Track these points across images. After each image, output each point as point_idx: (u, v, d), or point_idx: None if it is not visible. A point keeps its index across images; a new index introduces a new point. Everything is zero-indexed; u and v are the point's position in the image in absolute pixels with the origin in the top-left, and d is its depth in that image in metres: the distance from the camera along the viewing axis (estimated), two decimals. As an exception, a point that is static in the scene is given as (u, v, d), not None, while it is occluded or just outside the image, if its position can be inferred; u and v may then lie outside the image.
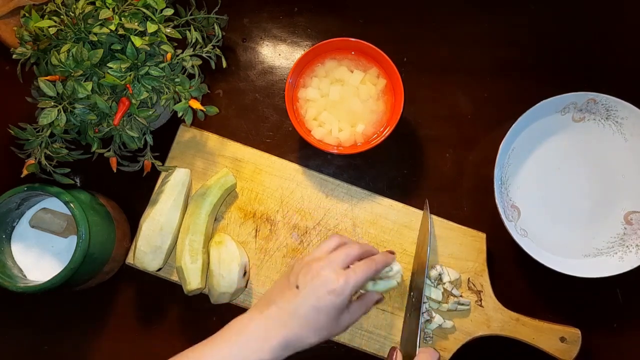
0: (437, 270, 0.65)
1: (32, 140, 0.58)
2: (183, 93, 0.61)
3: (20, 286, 0.59)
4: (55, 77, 0.57)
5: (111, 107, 0.58)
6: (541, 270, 0.64)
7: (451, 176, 0.72)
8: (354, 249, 0.58)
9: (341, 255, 0.57)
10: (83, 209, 0.60)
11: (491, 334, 0.66)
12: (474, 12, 0.77)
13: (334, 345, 0.67)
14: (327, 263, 0.56)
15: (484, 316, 0.66)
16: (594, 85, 0.67)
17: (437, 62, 0.75)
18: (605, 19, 0.76)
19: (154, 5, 0.59)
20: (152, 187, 0.68)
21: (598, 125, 0.70)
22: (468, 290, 0.67)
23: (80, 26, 0.57)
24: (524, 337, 0.65)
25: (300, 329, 0.54)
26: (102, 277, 0.66)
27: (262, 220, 0.68)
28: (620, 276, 0.64)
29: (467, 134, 0.73)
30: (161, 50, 0.60)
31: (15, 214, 0.64)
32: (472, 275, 0.67)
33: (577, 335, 0.65)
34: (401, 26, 0.76)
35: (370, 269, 0.57)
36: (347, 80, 0.68)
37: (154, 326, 0.69)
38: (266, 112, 0.74)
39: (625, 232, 0.68)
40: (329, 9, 0.77)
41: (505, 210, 0.66)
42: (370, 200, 0.69)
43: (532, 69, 0.75)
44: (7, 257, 0.62)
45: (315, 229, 0.68)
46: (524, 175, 0.71)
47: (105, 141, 0.62)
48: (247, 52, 0.76)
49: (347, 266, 0.57)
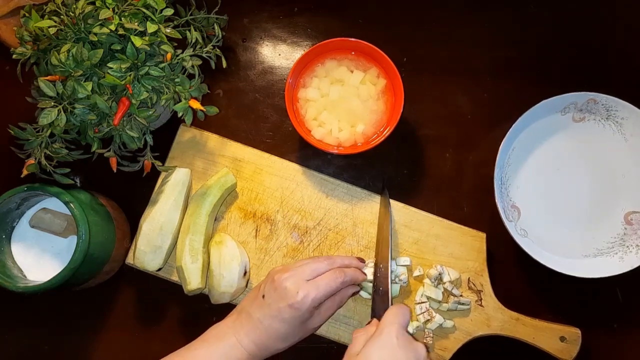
0: (437, 269, 0.65)
1: (32, 140, 0.58)
2: (183, 93, 0.61)
3: (20, 286, 0.59)
4: (55, 77, 0.56)
5: (111, 107, 0.58)
6: (541, 270, 0.64)
7: (451, 176, 0.72)
8: (321, 264, 0.59)
9: (307, 269, 0.58)
10: (83, 209, 0.60)
11: (491, 333, 0.66)
12: (474, 12, 0.77)
13: (334, 346, 0.67)
14: (291, 275, 0.57)
15: (484, 316, 0.66)
16: (594, 85, 0.67)
17: (437, 62, 0.75)
18: (605, 19, 0.76)
19: (154, 5, 0.59)
20: (152, 187, 0.68)
21: (598, 125, 0.70)
22: (468, 290, 0.67)
23: (80, 26, 0.57)
24: (524, 336, 0.65)
25: (267, 338, 0.56)
26: (102, 277, 0.66)
27: (263, 220, 0.68)
28: (620, 276, 0.64)
29: (467, 134, 0.73)
30: (161, 50, 0.60)
31: (15, 214, 0.64)
32: (472, 275, 0.67)
33: (577, 334, 0.65)
34: (401, 26, 0.76)
35: (334, 282, 0.57)
36: (347, 80, 0.68)
37: (153, 326, 0.69)
38: (266, 112, 0.74)
39: (626, 232, 0.68)
40: (329, 9, 0.77)
41: (505, 210, 0.66)
42: (370, 200, 0.69)
43: (532, 69, 0.75)
44: (7, 257, 0.62)
45: (315, 229, 0.68)
46: (524, 175, 0.70)
47: (105, 141, 0.62)
48: (247, 52, 0.76)
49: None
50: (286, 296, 0.55)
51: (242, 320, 0.57)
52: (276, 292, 0.56)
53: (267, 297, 0.56)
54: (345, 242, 0.68)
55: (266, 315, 0.56)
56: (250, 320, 0.56)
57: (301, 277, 0.56)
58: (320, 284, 0.56)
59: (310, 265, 0.58)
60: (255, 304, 0.57)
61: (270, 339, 0.56)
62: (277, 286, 0.56)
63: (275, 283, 0.56)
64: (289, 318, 0.55)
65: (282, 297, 0.55)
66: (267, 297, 0.56)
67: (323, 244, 0.68)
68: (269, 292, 0.57)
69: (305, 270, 0.57)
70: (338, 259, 0.61)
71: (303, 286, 0.56)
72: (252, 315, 0.57)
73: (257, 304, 0.57)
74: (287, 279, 0.56)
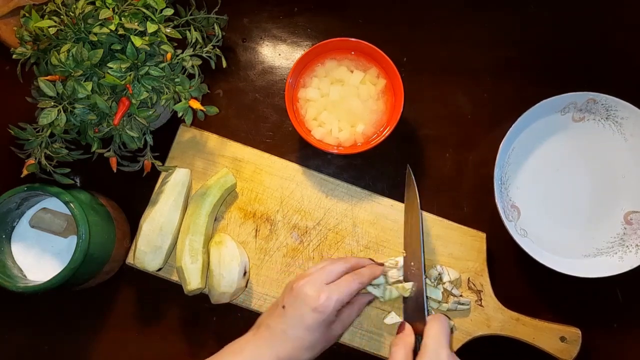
0: (437, 270, 0.65)
1: (32, 140, 0.58)
2: (183, 93, 0.61)
3: (20, 286, 0.59)
4: (55, 77, 0.56)
5: (111, 107, 0.58)
6: (541, 270, 0.64)
7: (451, 176, 0.72)
8: (337, 266, 0.58)
9: (324, 272, 0.57)
10: (83, 209, 0.60)
11: (491, 333, 0.66)
12: (474, 12, 0.77)
13: (334, 346, 0.67)
14: (309, 281, 0.56)
15: (484, 316, 0.66)
16: (594, 85, 0.67)
17: (437, 62, 0.75)
18: (606, 19, 0.76)
19: (154, 5, 0.59)
20: (152, 187, 0.68)
21: (598, 125, 0.70)
22: (468, 290, 0.67)
23: (80, 26, 0.57)
24: (524, 336, 0.65)
25: (292, 349, 0.54)
26: (102, 277, 0.66)
27: (262, 220, 0.68)
28: (620, 276, 0.64)
29: (467, 134, 0.73)
30: (161, 50, 0.60)
31: (15, 214, 0.64)
32: (472, 275, 0.67)
33: (577, 334, 0.65)
34: (401, 26, 0.76)
35: (354, 282, 0.57)
36: (347, 80, 0.68)
37: (153, 326, 0.69)
38: (266, 112, 0.74)
39: (625, 232, 0.68)
40: (329, 9, 0.77)
41: (505, 210, 0.66)
42: (371, 200, 0.69)
43: (532, 69, 0.75)
44: (7, 257, 0.62)
45: (315, 229, 0.68)
46: (524, 175, 0.71)
47: (105, 141, 0.62)
48: (247, 52, 0.76)
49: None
50: (309, 301, 0.54)
51: (262, 334, 0.55)
52: (297, 299, 0.55)
53: (288, 306, 0.55)
54: (345, 242, 0.68)
55: (289, 325, 0.54)
56: (272, 333, 0.55)
57: (320, 281, 0.56)
58: (340, 284, 0.56)
59: (326, 268, 0.58)
60: (276, 314, 0.56)
61: (295, 349, 0.54)
62: (297, 294, 0.55)
63: (295, 291, 0.55)
64: (313, 324, 0.54)
65: (305, 303, 0.54)
66: (287, 307, 0.55)
67: (323, 244, 0.68)
68: (289, 301, 0.56)
69: (322, 274, 0.57)
70: (352, 259, 0.61)
71: (324, 289, 0.55)
72: (273, 327, 0.55)
73: (277, 315, 0.56)
74: (305, 284, 0.55)
